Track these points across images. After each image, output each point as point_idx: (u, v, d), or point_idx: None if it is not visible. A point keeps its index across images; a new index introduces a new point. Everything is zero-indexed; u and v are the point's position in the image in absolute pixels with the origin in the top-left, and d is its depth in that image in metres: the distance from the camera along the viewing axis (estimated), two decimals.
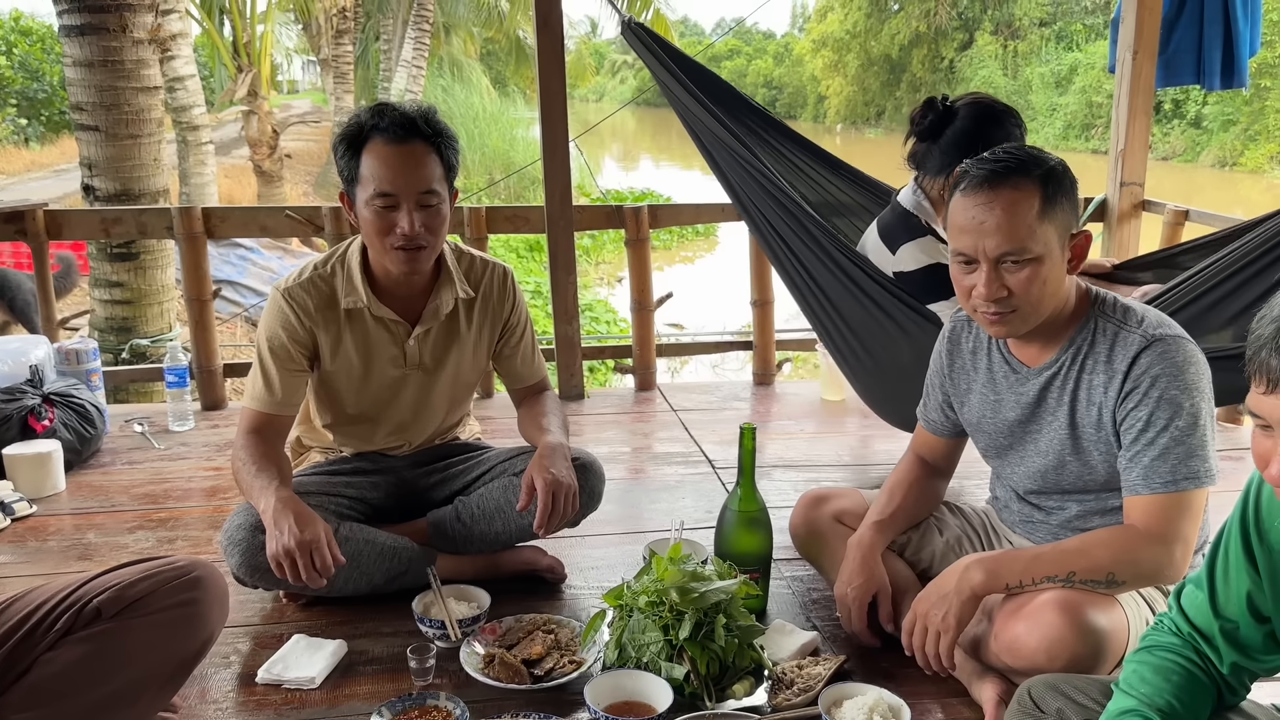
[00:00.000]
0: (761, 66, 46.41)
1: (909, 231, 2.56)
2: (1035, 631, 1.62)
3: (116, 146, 4.88)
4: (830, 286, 2.71)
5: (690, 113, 2.91)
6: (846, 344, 2.75)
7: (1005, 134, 2.44)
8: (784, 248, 2.82)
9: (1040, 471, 1.85)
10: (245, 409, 2.12)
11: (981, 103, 2.51)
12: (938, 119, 2.51)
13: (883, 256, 2.61)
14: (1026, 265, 1.65)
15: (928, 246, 2.53)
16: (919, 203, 2.57)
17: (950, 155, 2.46)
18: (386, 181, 1.96)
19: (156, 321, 5.16)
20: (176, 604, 1.50)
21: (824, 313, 2.78)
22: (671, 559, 1.85)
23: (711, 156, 2.95)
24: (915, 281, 2.55)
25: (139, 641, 1.46)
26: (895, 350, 2.61)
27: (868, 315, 2.63)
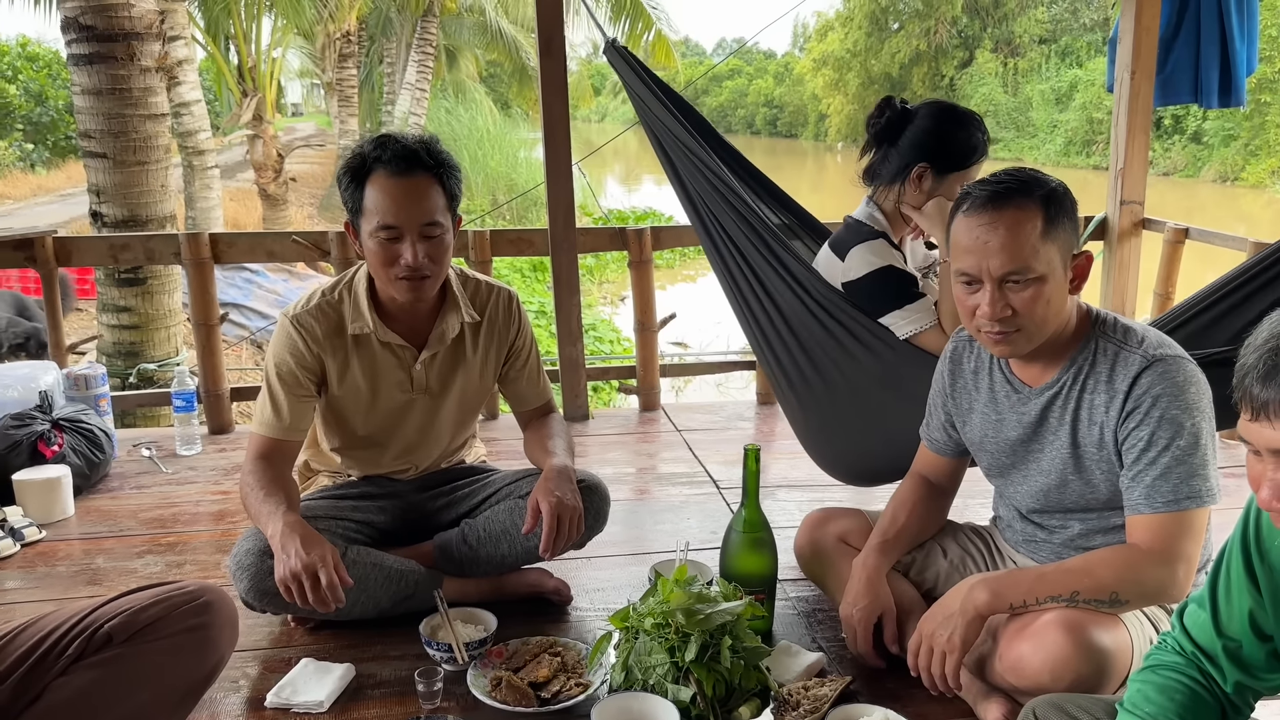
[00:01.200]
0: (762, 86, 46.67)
1: (859, 236, 2.40)
2: (1039, 651, 1.63)
3: (124, 173, 4.93)
4: (782, 297, 2.57)
5: (658, 122, 2.83)
6: (795, 364, 2.58)
7: (968, 137, 2.33)
8: (736, 256, 2.70)
9: (1043, 490, 1.86)
10: (253, 434, 2.14)
11: (943, 104, 2.40)
12: (895, 118, 2.39)
13: (832, 267, 2.46)
14: (1030, 285, 1.67)
15: (878, 249, 2.37)
16: (871, 214, 2.43)
17: (909, 157, 2.35)
18: (390, 214, 1.98)
19: (164, 346, 5.19)
20: (186, 629, 1.53)
21: (773, 330, 2.62)
22: (677, 581, 1.85)
23: (673, 166, 2.86)
24: (865, 290, 2.38)
25: (149, 666, 1.48)
26: (847, 369, 2.46)
27: (820, 327, 2.47)
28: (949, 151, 2.34)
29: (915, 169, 2.33)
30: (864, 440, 2.54)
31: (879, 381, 2.40)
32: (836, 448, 2.66)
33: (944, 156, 2.33)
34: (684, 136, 2.77)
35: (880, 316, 2.36)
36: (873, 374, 2.41)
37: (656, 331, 3.83)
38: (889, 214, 2.42)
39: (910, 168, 2.34)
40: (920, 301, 2.34)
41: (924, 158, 2.33)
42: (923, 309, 2.33)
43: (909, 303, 2.34)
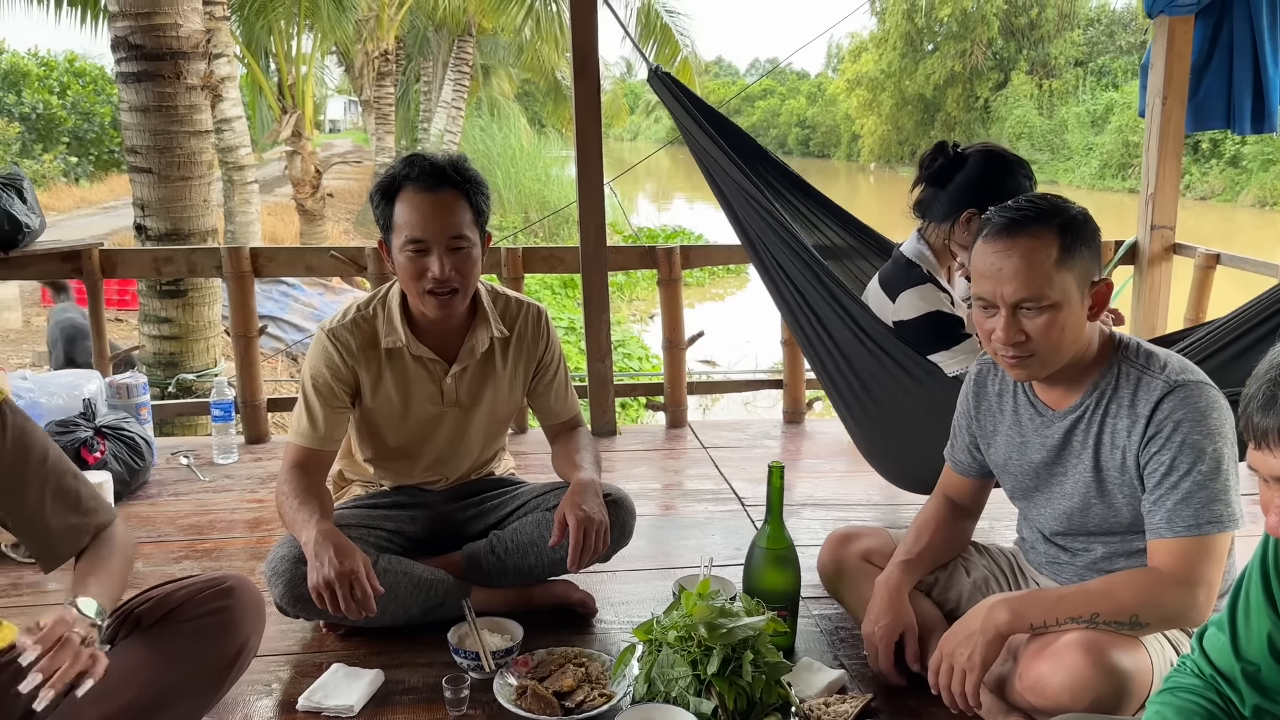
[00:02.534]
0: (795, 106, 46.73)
1: (909, 280, 2.53)
2: (1059, 672, 1.63)
3: (168, 188, 5.05)
4: (836, 330, 2.68)
5: (709, 155, 2.94)
6: (850, 388, 2.71)
7: (1015, 183, 2.43)
8: (792, 289, 2.81)
9: (1066, 513, 1.87)
10: (290, 444, 2.20)
11: (993, 151, 2.51)
12: (947, 164, 2.50)
13: (883, 306, 2.59)
14: (1044, 312, 1.69)
15: (927, 294, 2.49)
16: (921, 252, 2.54)
17: (958, 201, 2.46)
18: (417, 228, 2.04)
19: (203, 357, 5.30)
20: (210, 611, 1.60)
21: (829, 357, 2.74)
22: (700, 595, 1.87)
23: (726, 199, 2.96)
24: (915, 330, 2.51)
25: (176, 647, 1.55)
26: (900, 393, 2.58)
27: (873, 359, 2.60)
28: (996, 198, 2.41)
29: (964, 214, 2.44)
30: (919, 457, 2.59)
31: (928, 411, 2.46)
32: (893, 462, 2.80)
33: (991, 202, 2.39)
34: (729, 166, 2.85)
35: (929, 354, 2.49)
36: (922, 404, 2.51)
37: (684, 349, 3.87)
38: (937, 250, 2.54)
39: (959, 212, 2.45)
40: (967, 343, 2.46)
41: (973, 203, 2.43)
42: (968, 349, 2.45)
43: (956, 344, 2.47)
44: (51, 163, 19.07)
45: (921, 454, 2.52)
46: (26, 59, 20.47)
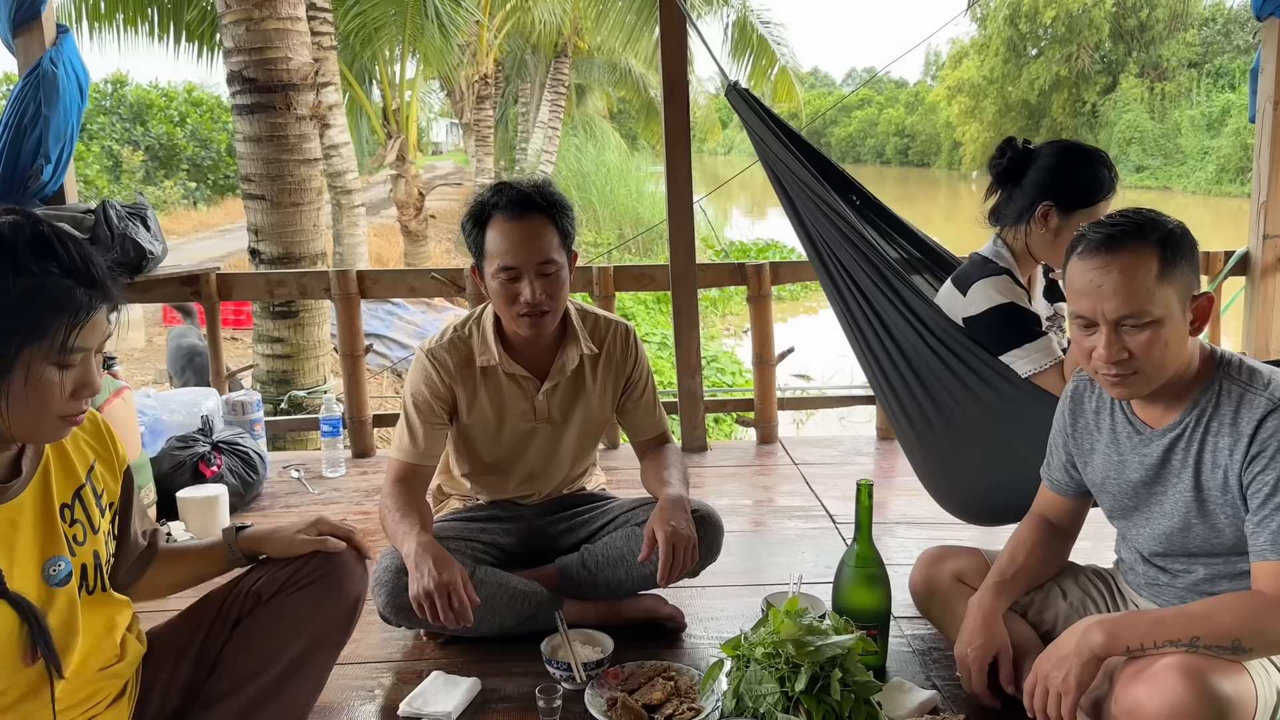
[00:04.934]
0: (893, 115, 46.08)
1: (983, 272, 2.39)
2: (1156, 696, 1.58)
3: (280, 214, 5.28)
4: (904, 336, 2.56)
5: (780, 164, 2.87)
6: (914, 401, 2.57)
7: (1094, 174, 2.32)
8: (857, 295, 2.71)
9: (1165, 534, 1.82)
10: (392, 460, 2.29)
11: (1067, 143, 2.41)
12: (1017, 158, 2.40)
13: (954, 302, 2.45)
14: (1147, 328, 1.66)
15: (1002, 285, 2.35)
16: (998, 251, 2.43)
17: (1033, 195, 2.35)
18: (508, 255, 2.12)
19: (312, 375, 5.51)
20: (320, 574, 1.71)
21: (893, 368, 2.61)
22: (788, 612, 1.88)
23: (794, 207, 2.89)
24: (986, 326, 2.36)
25: (297, 611, 1.67)
26: (968, 406, 2.44)
27: (942, 365, 2.46)
28: (1073, 189, 2.33)
29: (1040, 208, 2.34)
30: (984, 478, 2.52)
31: (1000, 419, 2.38)
32: (956, 485, 2.65)
33: (1068, 194, 2.32)
34: (801, 173, 2.83)
35: (1001, 354, 2.35)
36: (994, 412, 2.40)
37: (774, 365, 3.88)
38: (1017, 253, 2.41)
39: (1035, 207, 2.34)
40: (1041, 340, 2.32)
41: (1048, 196, 2.33)
42: (1043, 348, 2.32)
43: (1030, 341, 2.32)
44: (172, 189, 20.06)
45: (988, 474, 2.47)
46: (149, 90, 21.62)
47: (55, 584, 1.42)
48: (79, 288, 1.31)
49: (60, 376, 1.33)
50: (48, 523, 1.43)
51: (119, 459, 1.61)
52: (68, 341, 1.31)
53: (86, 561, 1.48)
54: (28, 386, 1.31)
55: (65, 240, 1.33)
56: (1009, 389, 2.35)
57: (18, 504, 1.40)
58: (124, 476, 1.63)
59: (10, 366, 1.29)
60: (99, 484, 1.55)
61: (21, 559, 1.39)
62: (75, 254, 1.33)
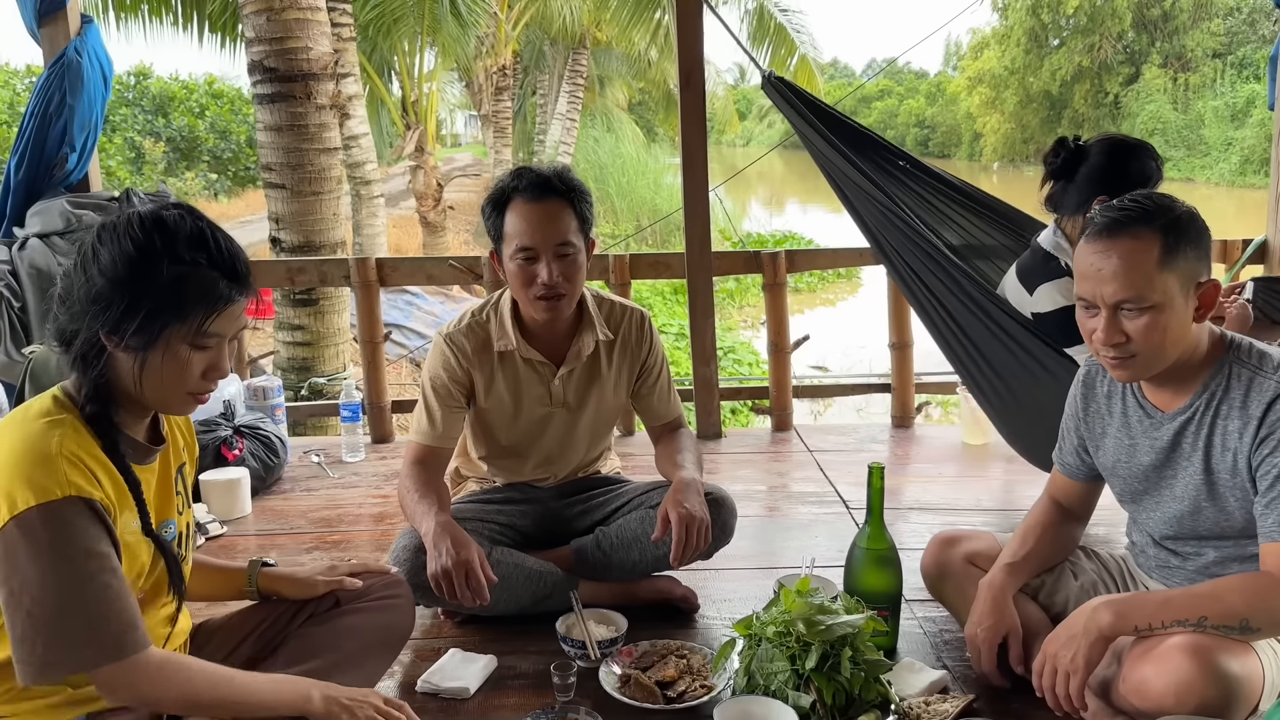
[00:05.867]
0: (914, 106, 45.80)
1: (1047, 273, 2.57)
2: (1163, 675, 1.60)
3: (300, 203, 5.34)
4: (971, 327, 2.75)
5: (829, 160, 3.00)
6: (989, 384, 2.79)
7: (1141, 167, 2.45)
8: (923, 289, 2.88)
9: (1176, 517, 1.84)
10: (410, 442, 2.33)
11: (1115, 138, 2.56)
12: (1070, 157, 2.55)
13: (1021, 298, 2.63)
14: (1145, 313, 1.67)
15: (1064, 288, 2.53)
16: (1058, 243, 2.57)
17: (1086, 192, 2.50)
18: (526, 236, 2.15)
19: (332, 362, 5.57)
20: (390, 595, 1.91)
21: (965, 354, 2.82)
22: (799, 591, 1.91)
23: (850, 202, 3.02)
24: (1052, 323, 2.55)
25: (364, 621, 1.85)
26: (1038, 390, 2.62)
27: (1009, 355, 2.65)
28: (1123, 182, 2.45)
29: (1095, 202, 2.46)
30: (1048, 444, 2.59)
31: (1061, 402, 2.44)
32: (1034, 446, 2.85)
33: (1119, 188, 2.43)
34: (847, 168, 2.89)
35: (1068, 347, 2.53)
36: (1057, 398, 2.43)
37: (790, 353, 3.89)
38: (1074, 242, 2.56)
39: (1089, 201, 2.48)
40: None
41: (1101, 190, 2.47)
42: None
43: None
44: (194, 180, 20.18)
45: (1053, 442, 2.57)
46: (171, 83, 21.75)
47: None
48: (223, 279, 1.44)
49: (194, 356, 1.46)
50: (166, 487, 1.61)
51: (194, 446, 1.77)
52: (205, 326, 1.43)
53: (183, 530, 1.65)
54: (164, 362, 1.44)
55: (218, 236, 1.47)
56: (1066, 376, 2.45)
57: (153, 466, 1.58)
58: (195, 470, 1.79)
59: (154, 342, 1.42)
60: (188, 463, 1.71)
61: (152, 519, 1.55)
62: (225, 249, 1.46)
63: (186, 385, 1.48)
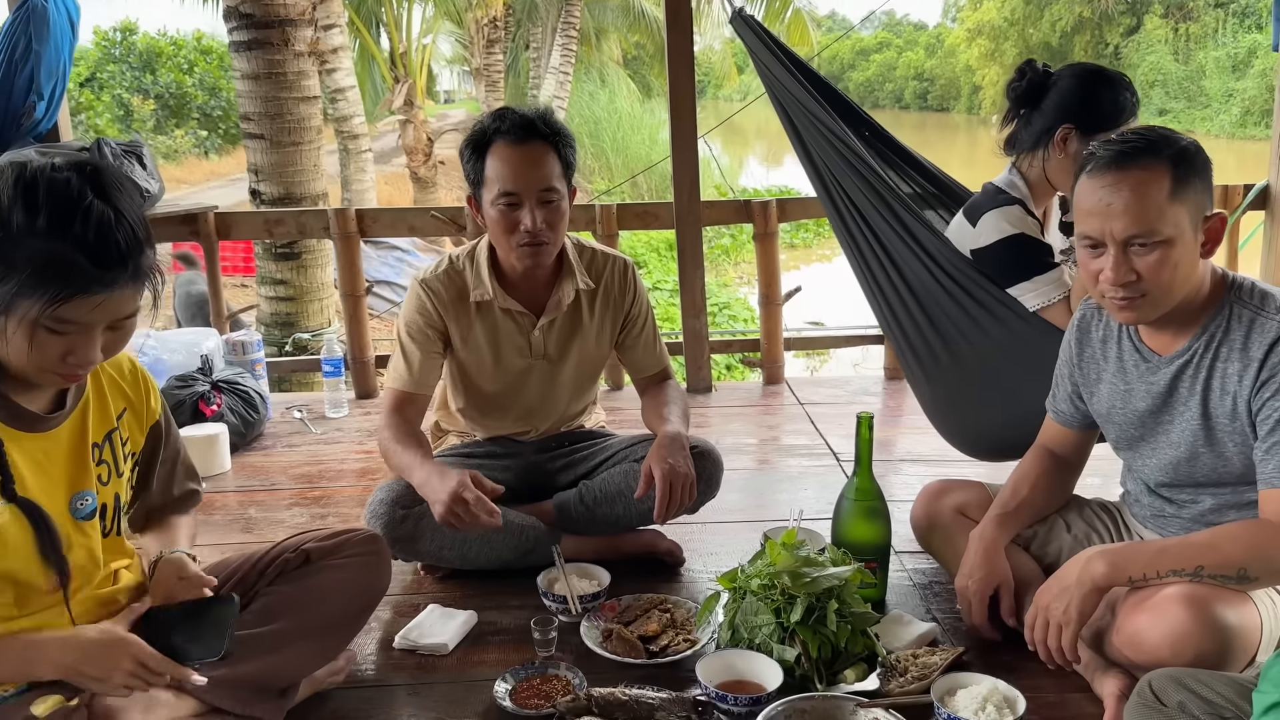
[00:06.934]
0: (912, 58, 45.28)
1: (995, 203, 2.33)
2: (1159, 625, 1.57)
3: (280, 153, 5.23)
4: (911, 269, 2.51)
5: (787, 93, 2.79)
6: (921, 336, 2.53)
7: (1115, 97, 2.25)
8: (863, 228, 2.65)
9: (1172, 463, 1.78)
10: (388, 389, 2.27)
11: (1087, 65, 2.35)
12: (1037, 80, 2.33)
13: (963, 233, 2.40)
14: (1156, 248, 1.60)
15: (1014, 215, 2.29)
16: (1013, 181, 2.36)
17: (1052, 119, 2.28)
18: (509, 181, 2.07)
19: (316, 317, 5.50)
20: (365, 552, 1.83)
21: (899, 300, 2.57)
22: (785, 544, 1.87)
23: (800, 138, 2.83)
24: (994, 258, 2.31)
25: (338, 579, 1.77)
26: (975, 341, 2.40)
27: (949, 298, 2.42)
28: (1095, 111, 2.26)
29: (1059, 131, 2.27)
30: (991, 414, 2.48)
31: (1006, 354, 2.35)
32: (963, 421, 2.62)
33: (1089, 117, 2.25)
34: (809, 102, 2.75)
35: (1009, 286, 2.31)
36: (1000, 346, 2.36)
37: (781, 305, 3.82)
38: (1032, 182, 2.35)
39: (1053, 130, 2.27)
40: (1052, 273, 2.28)
41: (1068, 119, 2.26)
42: (1053, 280, 2.28)
43: (1040, 273, 2.28)
44: (183, 138, 19.97)
45: (996, 410, 2.43)
46: (158, 39, 21.43)
47: (81, 518, 1.48)
48: (86, 264, 1.27)
49: (48, 338, 1.31)
50: (79, 458, 1.48)
51: (150, 411, 1.64)
52: (54, 311, 1.28)
53: (107, 502, 1.52)
54: (14, 334, 1.30)
55: (97, 213, 1.28)
56: (1016, 323, 2.31)
57: (55, 435, 1.45)
58: (152, 430, 1.65)
59: (6, 308, 1.29)
60: (125, 431, 1.58)
61: (50, 489, 1.44)
62: (97, 231, 1.27)
63: (44, 364, 1.34)
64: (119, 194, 1.32)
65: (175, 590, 1.59)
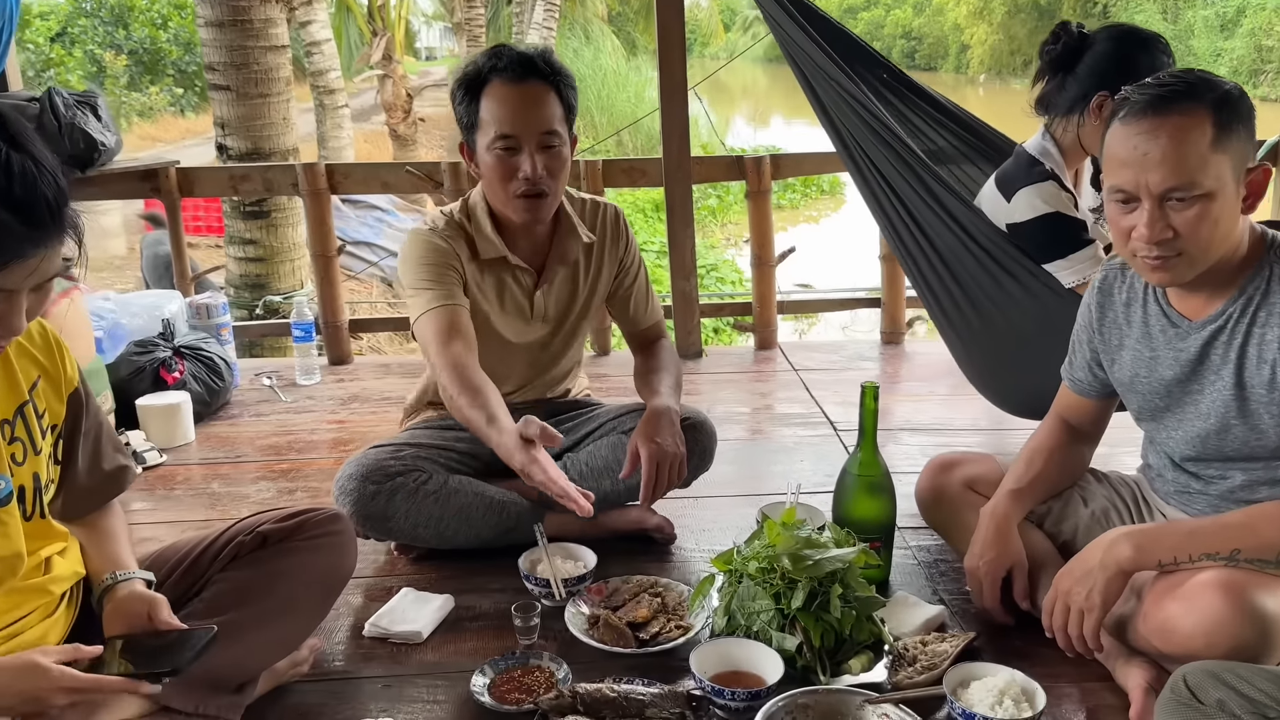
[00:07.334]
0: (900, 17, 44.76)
1: (1029, 177, 2.32)
2: (1192, 614, 1.45)
3: (247, 105, 5.01)
4: (941, 239, 2.49)
5: (802, 51, 2.73)
6: (954, 304, 2.53)
7: (1152, 61, 2.19)
8: (890, 195, 2.63)
9: (1200, 436, 1.66)
10: (423, 320, 1.98)
11: (1124, 26, 2.30)
12: (1073, 44, 2.28)
13: (997, 206, 2.39)
14: (1195, 202, 1.47)
15: (1048, 193, 2.29)
16: (1045, 148, 2.34)
17: (1087, 85, 2.24)
18: (507, 123, 1.91)
19: (289, 279, 5.31)
20: (326, 533, 1.68)
21: (931, 270, 2.56)
22: (785, 524, 1.75)
23: (819, 99, 2.77)
24: (1030, 235, 2.31)
25: (298, 562, 1.64)
26: (1012, 314, 2.40)
27: (981, 270, 2.41)
28: (1131, 77, 2.13)
29: (1095, 98, 2.22)
30: (1028, 380, 2.43)
31: (1041, 327, 2.30)
32: (999, 384, 2.64)
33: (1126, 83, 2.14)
34: (825, 63, 2.66)
35: (1045, 263, 2.30)
36: (1034, 319, 2.34)
37: (774, 266, 3.67)
38: (1065, 147, 2.33)
39: (1089, 97, 2.23)
40: (1088, 249, 2.27)
41: (1104, 85, 2.21)
42: (1089, 257, 2.27)
43: (1075, 250, 2.27)
44: (158, 95, 19.55)
45: (1033, 376, 2.34)
46: None
47: None
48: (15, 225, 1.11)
49: None
50: None
51: (67, 378, 1.46)
52: None
53: (25, 483, 1.36)
54: None
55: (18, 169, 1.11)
56: (1050, 298, 2.30)
57: None
58: (72, 399, 1.47)
59: None
60: (41, 403, 1.41)
61: None
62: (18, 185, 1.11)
63: None
64: (31, 142, 1.15)
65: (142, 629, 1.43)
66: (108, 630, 1.43)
